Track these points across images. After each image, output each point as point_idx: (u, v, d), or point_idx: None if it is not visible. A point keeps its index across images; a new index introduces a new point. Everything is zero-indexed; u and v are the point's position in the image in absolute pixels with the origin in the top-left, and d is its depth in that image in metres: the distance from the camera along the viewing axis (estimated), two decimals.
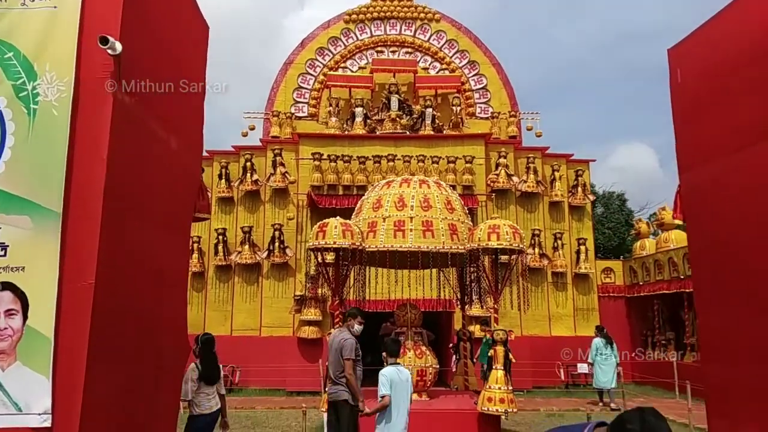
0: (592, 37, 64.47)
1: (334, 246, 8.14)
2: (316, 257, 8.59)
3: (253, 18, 60.31)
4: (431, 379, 9.01)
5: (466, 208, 9.62)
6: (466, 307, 13.23)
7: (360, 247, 8.34)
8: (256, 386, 15.40)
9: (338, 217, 8.53)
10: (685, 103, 4.38)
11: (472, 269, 9.44)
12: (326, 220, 8.48)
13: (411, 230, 8.66)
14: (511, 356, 8.17)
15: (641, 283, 17.21)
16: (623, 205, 31.59)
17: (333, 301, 8.73)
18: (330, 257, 9.53)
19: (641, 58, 64.08)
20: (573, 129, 57.85)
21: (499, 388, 8.01)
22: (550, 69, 62.96)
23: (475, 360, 11.40)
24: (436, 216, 8.82)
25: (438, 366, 9.23)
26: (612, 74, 62.95)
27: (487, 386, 8.16)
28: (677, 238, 16.53)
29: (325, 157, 15.73)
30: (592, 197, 18.13)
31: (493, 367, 8.18)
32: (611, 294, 18.22)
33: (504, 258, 9.30)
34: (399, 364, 5.82)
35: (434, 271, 10.74)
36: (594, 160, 18.48)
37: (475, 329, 13.92)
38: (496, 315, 8.67)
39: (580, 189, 17.74)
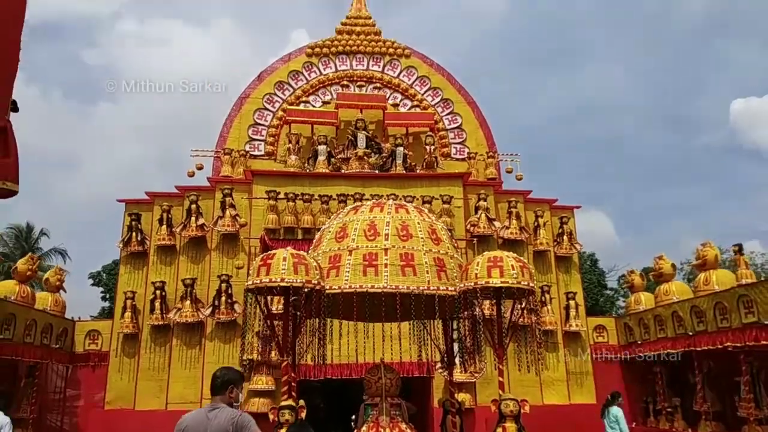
0: (547, 109, 65.48)
1: (282, 284, 5.97)
2: (258, 302, 6.39)
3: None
4: None
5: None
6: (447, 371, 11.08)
7: (318, 287, 6.19)
8: None
9: (289, 248, 6.41)
10: None
11: (465, 318, 7.29)
12: (272, 251, 6.35)
13: (386, 266, 6.58)
14: None
15: (639, 342, 15.25)
16: (594, 266, 30.33)
17: (282, 363, 6.42)
18: (277, 306, 7.32)
19: (596, 131, 65.41)
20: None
21: None
22: (507, 135, 63.43)
23: None
24: (418, 248, 6.79)
25: None
26: (568, 144, 63.58)
27: None
28: (679, 290, 14.77)
29: (282, 196, 13.68)
30: (579, 246, 16.40)
31: None
32: (605, 354, 16.21)
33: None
34: None
35: (407, 326, 8.56)
36: (579, 207, 16.91)
37: (465, 399, 11.62)
38: (501, 378, 6.50)
39: (566, 237, 16.04)
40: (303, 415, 6.02)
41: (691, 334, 13.08)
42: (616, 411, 10.64)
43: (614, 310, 28.90)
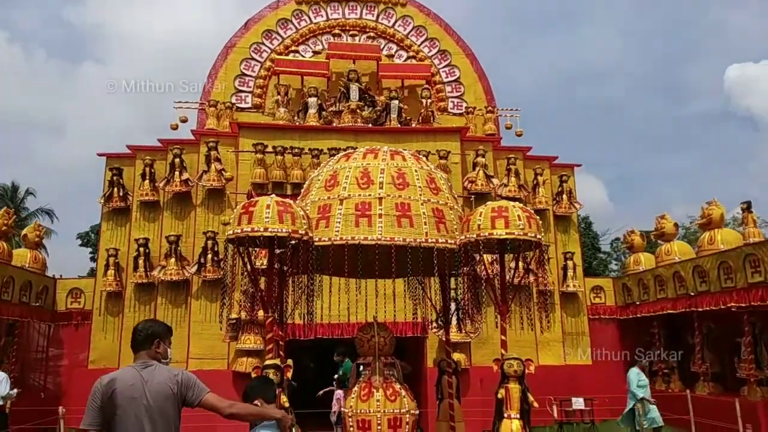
0: (541, 73, 64.23)
1: (266, 235, 5.38)
2: (240, 255, 5.82)
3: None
4: (409, 430, 6.28)
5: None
6: (442, 330, 10.66)
7: (305, 238, 5.62)
8: None
9: (273, 195, 5.81)
10: None
11: (464, 274, 6.74)
12: (255, 198, 5.75)
13: (380, 216, 6.01)
14: (531, 398, 5.54)
15: (638, 303, 14.93)
16: (588, 228, 29.97)
17: (266, 320, 5.88)
18: (263, 261, 6.76)
19: (590, 95, 64.40)
20: None
21: None
22: (505, 95, 62.28)
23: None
24: (415, 197, 6.21)
25: (417, 411, 6.51)
26: (560, 108, 62.58)
27: None
28: (681, 250, 14.39)
29: (269, 149, 13.00)
30: (579, 205, 15.90)
31: (505, 414, 5.51)
32: (602, 316, 15.90)
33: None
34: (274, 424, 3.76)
35: (401, 284, 8.01)
36: (579, 165, 16.36)
37: (460, 359, 11.25)
38: (504, 337, 6.01)
39: (565, 196, 15.53)
40: (289, 375, 5.55)
41: (692, 294, 12.72)
42: (629, 373, 10.25)
43: (607, 273, 28.71)
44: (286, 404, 5.37)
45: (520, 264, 6.33)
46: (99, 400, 3.27)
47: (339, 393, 10.29)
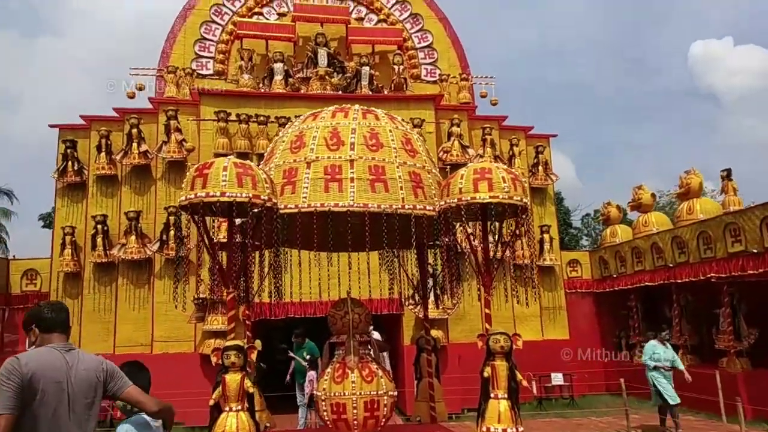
0: (505, 46, 63.65)
1: (224, 200, 4.75)
2: (195, 224, 5.19)
3: None
4: (387, 413, 5.79)
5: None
6: (418, 306, 10.21)
7: (269, 205, 5.01)
8: None
9: (232, 156, 5.17)
10: None
11: (444, 245, 6.20)
12: (210, 160, 5.10)
13: (351, 180, 5.43)
14: (519, 376, 5.08)
15: (615, 276, 14.71)
16: (560, 204, 29.86)
17: (227, 297, 5.24)
18: (222, 234, 6.13)
19: (556, 69, 64.23)
20: None
21: (504, 431, 4.89)
22: (475, 65, 61.52)
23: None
24: (390, 159, 5.64)
25: (396, 392, 6.01)
26: (525, 82, 62.26)
27: (483, 427, 5.01)
28: (659, 221, 14.16)
29: (233, 117, 12.23)
30: (555, 177, 15.53)
31: (491, 394, 5.04)
32: (579, 290, 15.68)
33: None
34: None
35: (376, 260, 7.44)
36: (555, 135, 15.96)
37: (439, 336, 10.81)
38: (488, 311, 5.52)
39: (541, 168, 15.13)
40: (253, 357, 4.98)
41: (671, 265, 12.50)
42: (646, 346, 9.80)
43: (578, 248, 28.73)
44: (251, 389, 4.81)
45: (505, 232, 5.82)
46: (17, 382, 2.73)
47: (311, 374, 9.77)
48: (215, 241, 5.66)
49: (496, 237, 5.84)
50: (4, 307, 13.59)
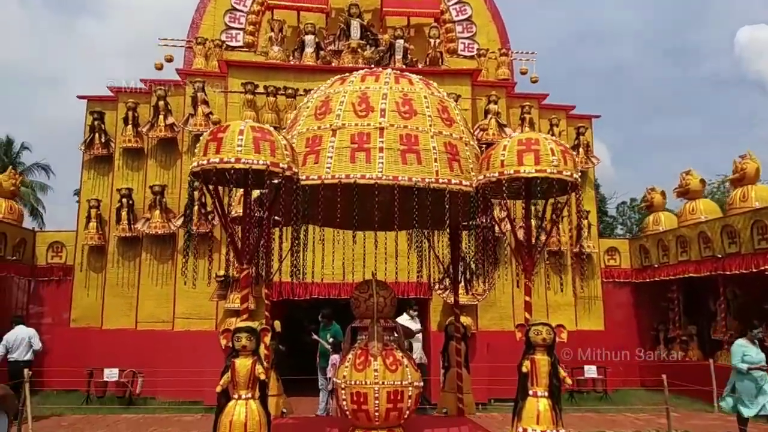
0: (545, 33, 61.76)
1: (239, 167, 4.30)
2: (209, 193, 4.76)
3: None
4: (412, 405, 5.31)
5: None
6: (447, 291, 9.72)
7: (288, 174, 4.54)
8: (166, 398, 11.48)
9: (250, 120, 4.70)
10: None
11: (481, 225, 5.63)
12: (226, 123, 4.66)
13: (380, 150, 4.92)
14: (562, 372, 4.54)
15: (656, 266, 13.93)
16: (596, 191, 28.83)
17: (241, 274, 4.79)
18: (236, 208, 5.68)
19: (597, 55, 62.09)
20: None
21: None
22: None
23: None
24: (424, 128, 5.10)
25: (422, 383, 5.53)
26: (566, 70, 60.36)
27: (520, 427, 4.49)
28: (707, 209, 13.31)
29: (261, 90, 11.80)
30: (596, 160, 14.75)
31: (530, 391, 4.51)
32: (616, 279, 14.94)
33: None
34: None
35: (404, 241, 6.87)
36: (599, 116, 15.14)
37: (468, 323, 10.29)
38: (528, 299, 4.97)
39: (582, 150, 14.34)
40: (267, 339, 4.54)
41: (720, 256, 11.70)
42: (733, 346, 8.25)
43: (614, 236, 27.80)
44: (262, 376, 4.38)
45: (548, 212, 5.23)
46: None
47: (335, 358, 9.37)
48: (231, 214, 5.21)
49: (541, 217, 5.26)
50: (29, 279, 13.57)
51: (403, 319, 9.35)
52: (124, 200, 12.79)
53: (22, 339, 10.55)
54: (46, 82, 54.91)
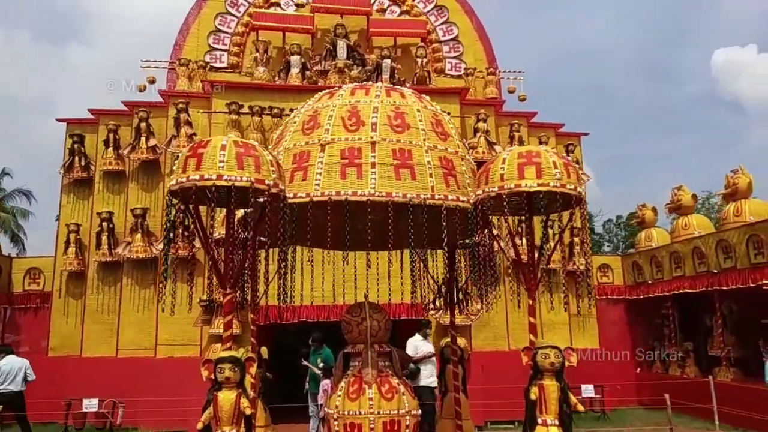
0: (528, 51, 62.62)
1: (220, 184, 4.01)
2: (189, 215, 4.47)
3: None
4: None
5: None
6: (440, 312, 9.38)
7: (275, 191, 4.26)
8: (148, 428, 10.98)
9: (232, 135, 4.42)
10: None
11: (478, 243, 5.38)
12: (207, 138, 4.38)
13: (373, 165, 4.66)
14: (573, 399, 4.25)
15: (650, 282, 13.75)
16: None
17: (225, 299, 4.47)
18: (219, 229, 5.38)
19: (578, 75, 62.96)
20: None
21: None
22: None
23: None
24: (418, 142, 4.87)
25: (419, 411, 5.21)
26: (548, 87, 61.03)
27: None
28: (700, 224, 13.20)
29: (245, 109, 11.55)
30: (587, 177, 14.64)
31: (539, 419, 4.22)
32: (609, 296, 14.74)
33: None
34: None
35: (397, 261, 6.59)
36: (587, 134, 15.09)
37: (465, 344, 9.95)
38: (533, 319, 4.70)
39: None
40: (252, 370, 4.21)
41: (715, 271, 11.53)
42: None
43: (601, 254, 27.81)
44: (248, 410, 4.03)
45: (551, 228, 5.00)
46: None
47: (326, 383, 8.99)
48: (214, 236, 4.91)
49: (542, 233, 5.03)
50: (5, 307, 13.05)
51: (416, 340, 8.99)
52: (105, 224, 12.39)
53: (19, 368, 9.99)
54: (32, 108, 54.36)
